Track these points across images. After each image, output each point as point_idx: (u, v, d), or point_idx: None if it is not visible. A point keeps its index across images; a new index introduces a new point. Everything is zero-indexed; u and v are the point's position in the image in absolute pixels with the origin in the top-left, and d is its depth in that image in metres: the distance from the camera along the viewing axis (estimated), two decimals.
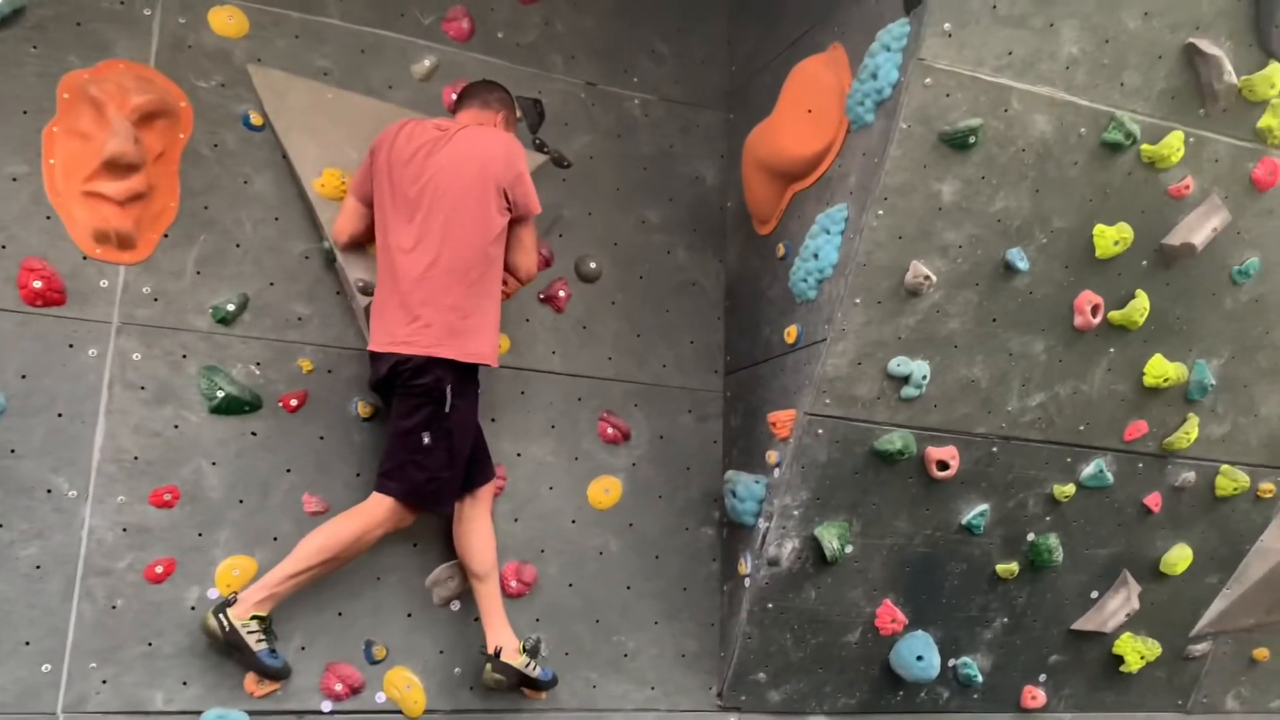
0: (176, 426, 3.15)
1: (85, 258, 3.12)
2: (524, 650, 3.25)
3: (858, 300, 3.22)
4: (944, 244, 3.24)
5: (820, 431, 3.35)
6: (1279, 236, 3.60)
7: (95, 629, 2.98)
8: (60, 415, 3.03)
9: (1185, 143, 3.32)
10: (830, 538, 3.45)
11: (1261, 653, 4.33)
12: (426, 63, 3.61)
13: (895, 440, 3.39)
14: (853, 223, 3.22)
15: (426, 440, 3.05)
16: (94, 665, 2.96)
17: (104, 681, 2.96)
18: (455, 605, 3.38)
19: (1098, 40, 3.14)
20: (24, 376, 3.01)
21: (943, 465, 3.49)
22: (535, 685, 3.28)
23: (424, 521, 3.35)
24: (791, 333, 3.45)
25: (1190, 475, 3.87)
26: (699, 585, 3.71)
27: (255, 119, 3.37)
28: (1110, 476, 3.73)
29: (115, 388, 3.10)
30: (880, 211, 3.14)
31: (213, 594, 3.11)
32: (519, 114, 3.67)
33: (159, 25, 3.30)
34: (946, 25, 3.00)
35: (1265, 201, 3.52)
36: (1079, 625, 3.96)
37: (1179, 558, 3.98)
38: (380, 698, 3.23)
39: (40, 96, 3.13)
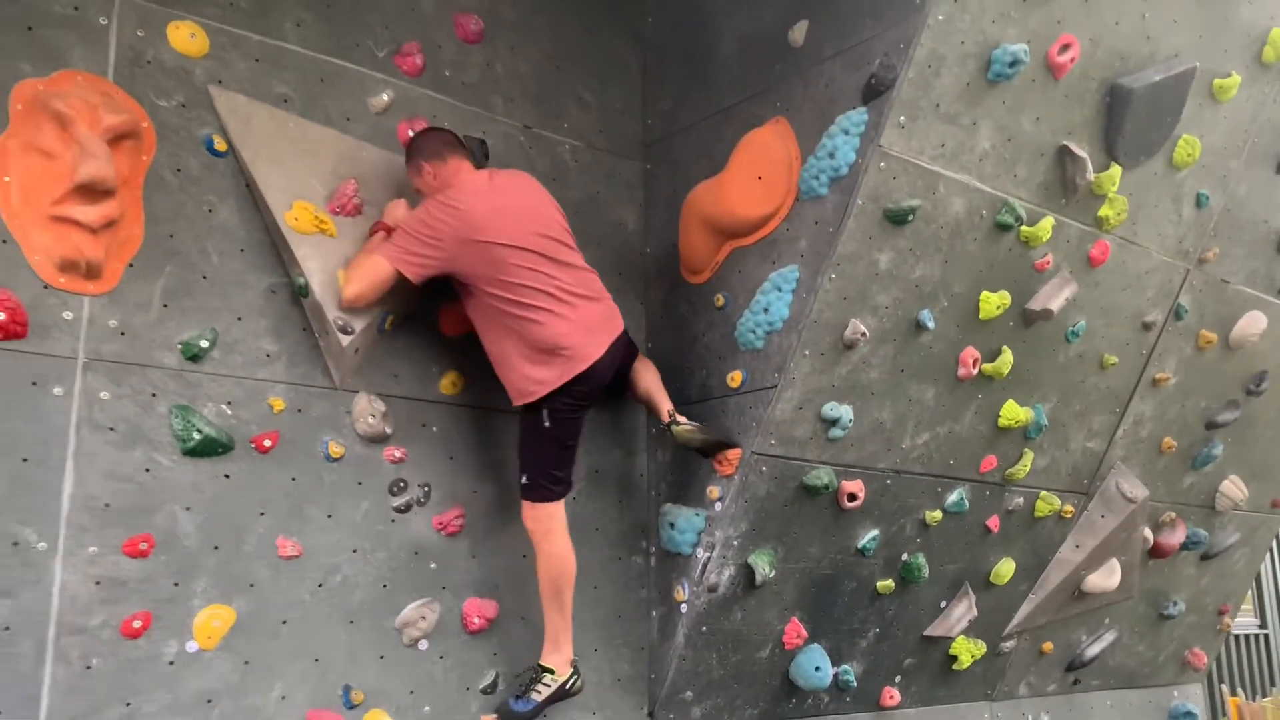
0: (148, 470, 2.96)
1: (46, 287, 2.87)
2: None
3: (806, 352, 3.59)
4: (876, 305, 3.68)
5: (764, 469, 3.69)
6: (1101, 305, 4.36)
7: (70, 692, 2.76)
8: (25, 460, 2.77)
9: (1053, 226, 3.98)
10: (762, 564, 3.80)
11: (1048, 646, 5.16)
12: (385, 97, 3.58)
13: (821, 476, 3.80)
14: (805, 283, 3.58)
15: None
16: None
17: None
18: (423, 645, 3.40)
19: (1003, 138, 3.71)
20: None
21: (852, 497, 3.94)
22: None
23: (393, 559, 3.36)
24: (736, 378, 3.76)
25: (1020, 500, 4.58)
26: (630, 612, 3.93)
27: (219, 144, 3.22)
28: (967, 503, 4.35)
29: (83, 429, 2.87)
30: (833, 275, 3.53)
31: (191, 646, 2.95)
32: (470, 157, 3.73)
33: (115, 36, 3.08)
34: (901, 118, 3.44)
35: (1096, 275, 4.26)
36: (929, 631, 4.56)
37: (1005, 570, 4.69)
38: None
39: None
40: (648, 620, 3.97)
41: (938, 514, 4.27)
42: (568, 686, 3.48)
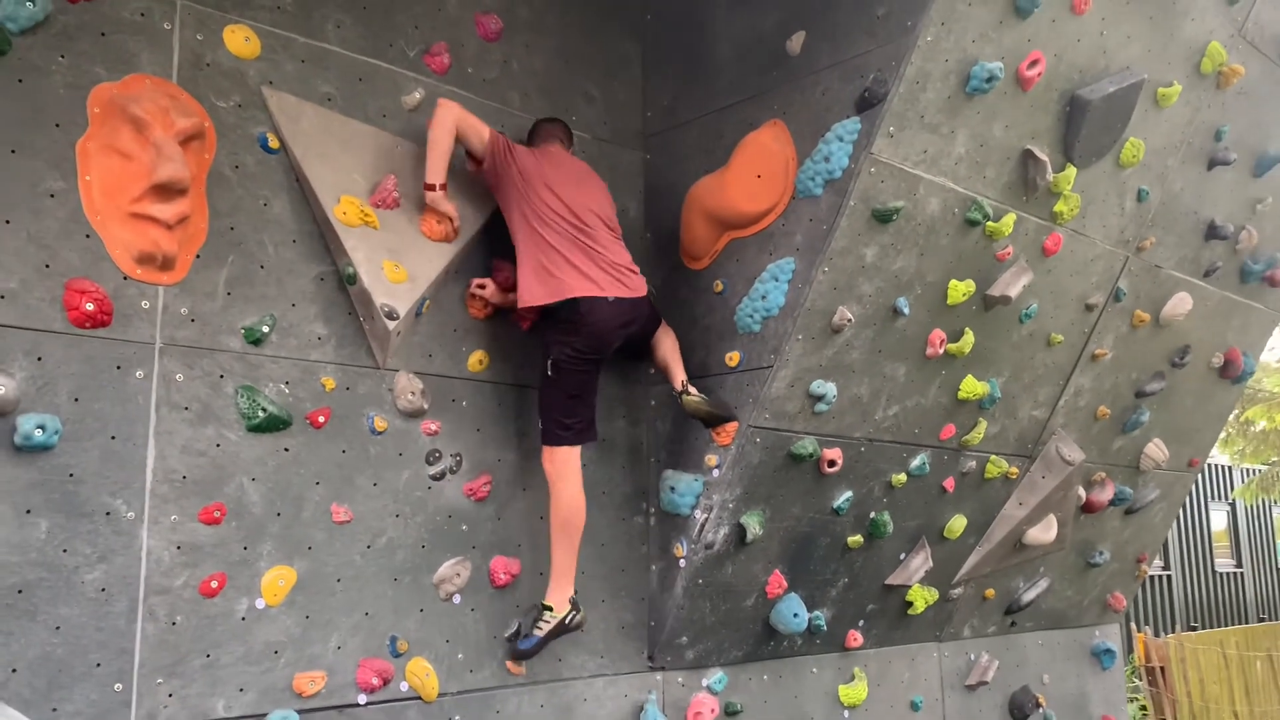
0: (219, 445, 3.25)
1: (126, 278, 3.12)
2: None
3: (799, 336, 3.99)
4: (861, 294, 4.09)
5: (758, 440, 4.10)
6: (1052, 290, 4.83)
7: (158, 646, 3.06)
8: (113, 438, 3.05)
9: (1014, 221, 4.41)
10: (753, 524, 4.22)
11: (990, 592, 5.72)
12: (417, 95, 3.85)
13: (807, 445, 4.22)
14: (800, 274, 3.97)
15: None
16: (160, 681, 3.05)
17: (170, 695, 3.07)
18: (457, 599, 3.77)
19: (977, 144, 4.12)
20: (76, 400, 2.99)
21: (831, 463, 4.37)
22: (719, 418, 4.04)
23: (430, 523, 3.71)
24: (734, 357, 4.15)
25: (973, 463, 5.08)
26: (633, 567, 4.34)
27: (273, 141, 3.47)
28: (928, 467, 4.82)
29: (162, 409, 3.15)
30: (826, 269, 3.93)
31: (260, 604, 3.28)
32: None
33: (179, 40, 3.30)
34: (891, 128, 3.82)
35: (1049, 264, 4.73)
36: (890, 580, 5.06)
37: (957, 525, 5.20)
38: (404, 686, 3.56)
39: (71, 109, 3.06)
40: (648, 574, 4.38)
41: (902, 477, 4.74)
42: (567, 621, 3.84)
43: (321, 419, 3.47)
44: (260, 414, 3.31)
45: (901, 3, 3.75)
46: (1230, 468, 18.27)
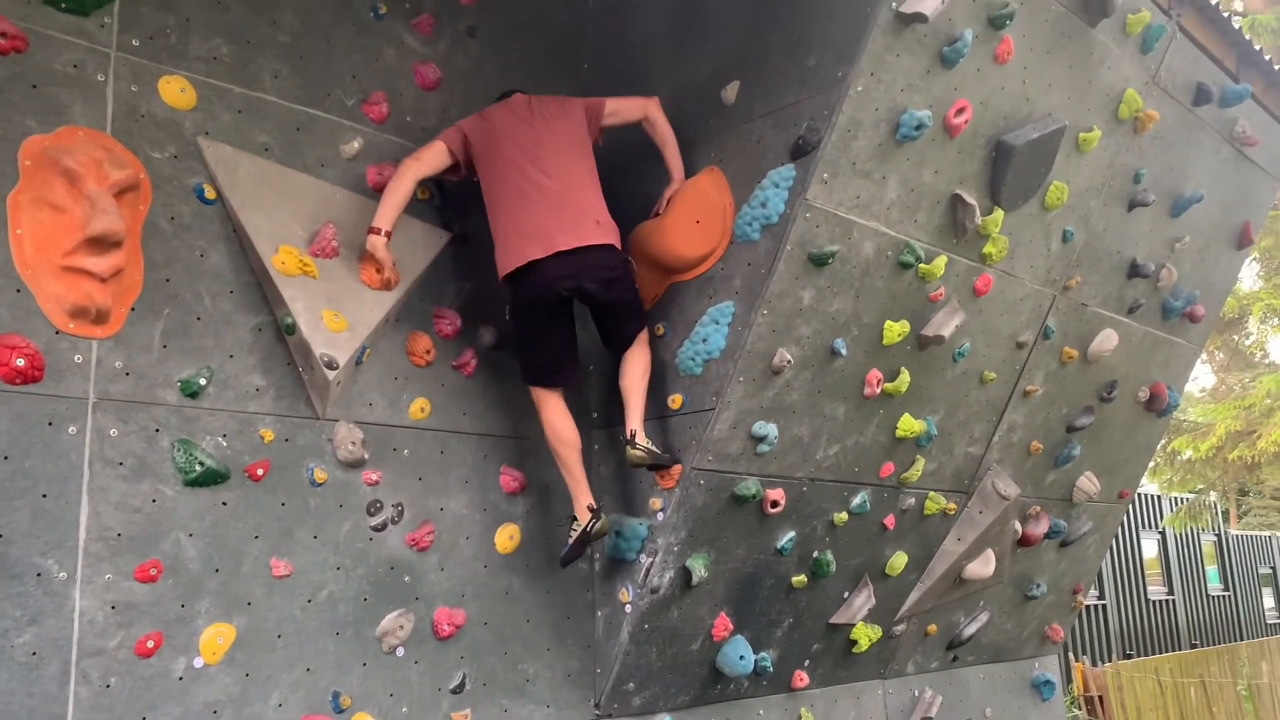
0: (154, 501, 3.19)
1: (59, 332, 3.06)
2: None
3: (741, 378, 4.04)
4: (799, 335, 4.16)
5: (701, 482, 4.13)
6: (983, 329, 4.96)
7: (92, 710, 2.98)
8: (45, 496, 2.98)
9: (945, 263, 4.53)
10: (698, 566, 4.24)
11: (932, 628, 5.78)
12: (355, 144, 3.85)
13: (750, 486, 4.26)
14: (740, 317, 4.02)
15: None
16: None
17: None
18: (400, 651, 3.71)
19: (907, 189, 4.23)
20: (6, 458, 2.92)
21: (774, 504, 4.41)
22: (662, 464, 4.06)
23: (372, 575, 3.67)
24: (677, 400, 4.18)
25: (912, 500, 5.16)
26: (578, 613, 4.32)
27: (209, 192, 3.44)
28: (869, 505, 4.88)
29: (96, 465, 3.08)
30: (765, 312, 3.99)
31: (198, 662, 3.21)
32: (427, 194, 4.05)
33: (112, 92, 3.27)
34: (825, 175, 3.91)
35: (979, 304, 4.85)
36: (835, 619, 5.10)
37: (898, 562, 5.26)
38: None
39: (1, 162, 3.01)
40: (593, 621, 4.36)
41: (844, 515, 4.79)
42: (589, 529, 3.94)
43: (260, 471, 3.43)
44: (197, 468, 3.26)
45: (831, 54, 3.85)
46: (1160, 497, 18.72)
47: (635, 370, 4.11)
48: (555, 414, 4.02)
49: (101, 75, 3.25)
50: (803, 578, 4.77)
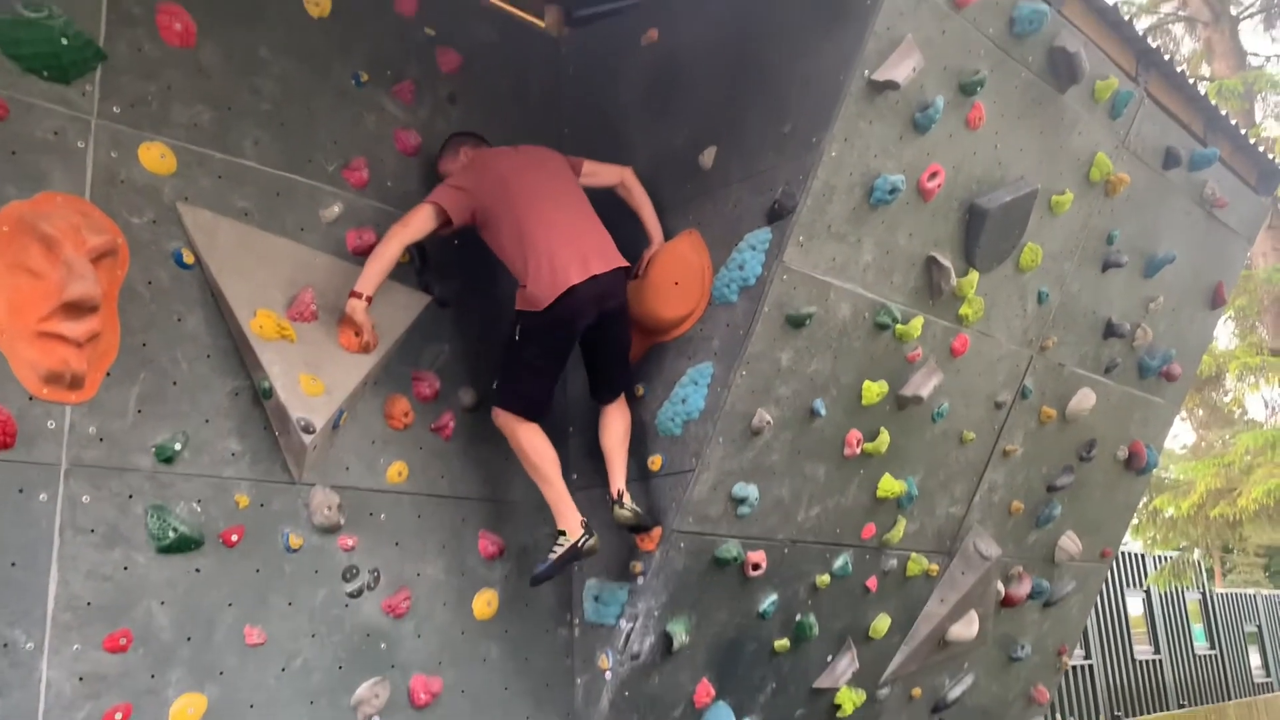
0: (126, 568, 3.15)
1: (32, 398, 3.04)
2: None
3: (720, 439, 4.04)
4: (779, 396, 4.17)
5: (682, 545, 4.10)
6: (961, 389, 4.98)
7: None
8: (14, 565, 2.93)
9: (922, 324, 4.56)
10: (679, 631, 4.19)
11: (917, 691, 5.72)
12: (335, 209, 3.87)
13: (731, 549, 4.23)
14: (719, 378, 4.04)
15: None
16: None
17: None
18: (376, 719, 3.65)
19: (883, 251, 4.28)
20: None
21: (756, 566, 4.38)
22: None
23: (347, 642, 3.61)
24: (656, 461, 4.17)
25: (894, 562, 5.13)
26: (558, 681, 4.26)
27: (187, 257, 3.45)
28: (851, 567, 4.86)
29: (67, 532, 3.05)
30: (744, 372, 4.00)
31: None
32: (408, 257, 4.06)
33: (92, 158, 3.29)
34: (800, 238, 3.95)
35: (957, 364, 4.88)
36: (818, 683, 5.04)
37: (882, 625, 5.22)
38: None
39: None
40: (573, 689, 4.30)
41: (826, 578, 4.76)
42: (580, 545, 3.82)
43: (234, 537, 3.39)
44: (171, 534, 3.22)
45: (806, 120, 3.91)
46: (1144, 555, 18.69)
47: (616, 429, 4.11)
48: (534, 434, 3.94)
49: (82, 142, 3.27)
50: (785, 642, 4.72)
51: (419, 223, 3.87)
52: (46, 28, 3.17)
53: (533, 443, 3.93)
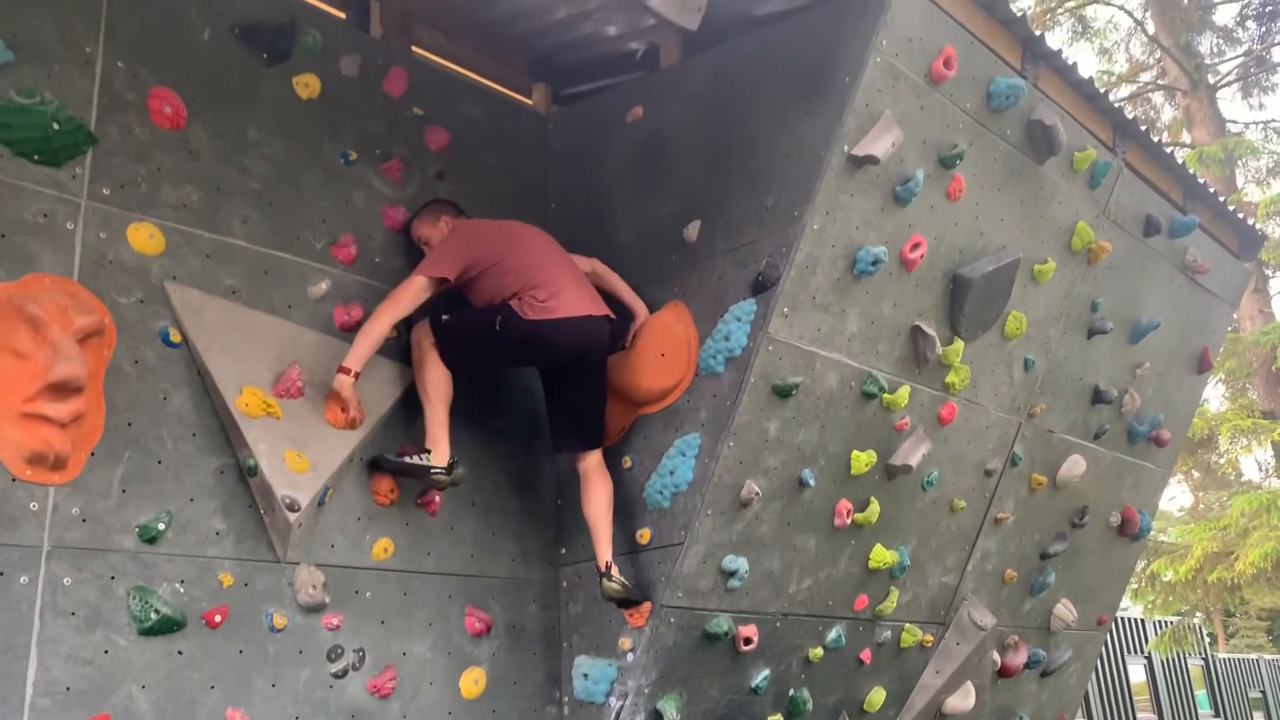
0: (107, 652, 3.11)
1: (14, 480, 3.03)
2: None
3: (709, 511, 4.02)
4: (767, 467, 4.16)
5: (672, 620, 4.06)
6: (951, 457, 4.98)
7: None
8: None
9: (909, 393, 4.58)
10: (670, 709, 4.13)
11: None
12: (323, 285, 3.90)
13: (722, 623, 4.19)
14: (706, 449, 4.03)
15: None
16: None
17: None
18: None
19: (867, 321, 4.31)
20: None
21: (747, 640, 4.33)
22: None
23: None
24: (644, 535, 4.15)
25: (888, 633, 5.08)
26: None
27: (174, 336, 3.46)
28: (844, 639, 4.81)
29: (47, 615, 3.01)
30: (731, 443, 4.00)
31: None
32: (396, 333, 4.08)
33: (81, 240, 3.32)
34: (785, 309, 3.98)
35: (945, 432, 4.88)
36: None
37: (876, 698, 5.15)
38: None
39: None
40: None
41: (819, 651, 4.71)
42: (430, 471, 3.80)
43: (218, 618, 3.35)
44: (153, 616, 3.18)
45: (788, 194, 3.97)
46: (1143, 620, 18.51)
47: (598, 496, 4.12)
48: (445, 379, 3.97)
49: (71, 223, 3.30)
50: (779, 717, 4.65)
51: (411, 296, 3.91)
52: (39, 113, 3.22)
53: (435, 375, 3.96)
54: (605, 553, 4.03)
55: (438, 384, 3.96)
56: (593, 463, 4.19)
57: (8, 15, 3.20)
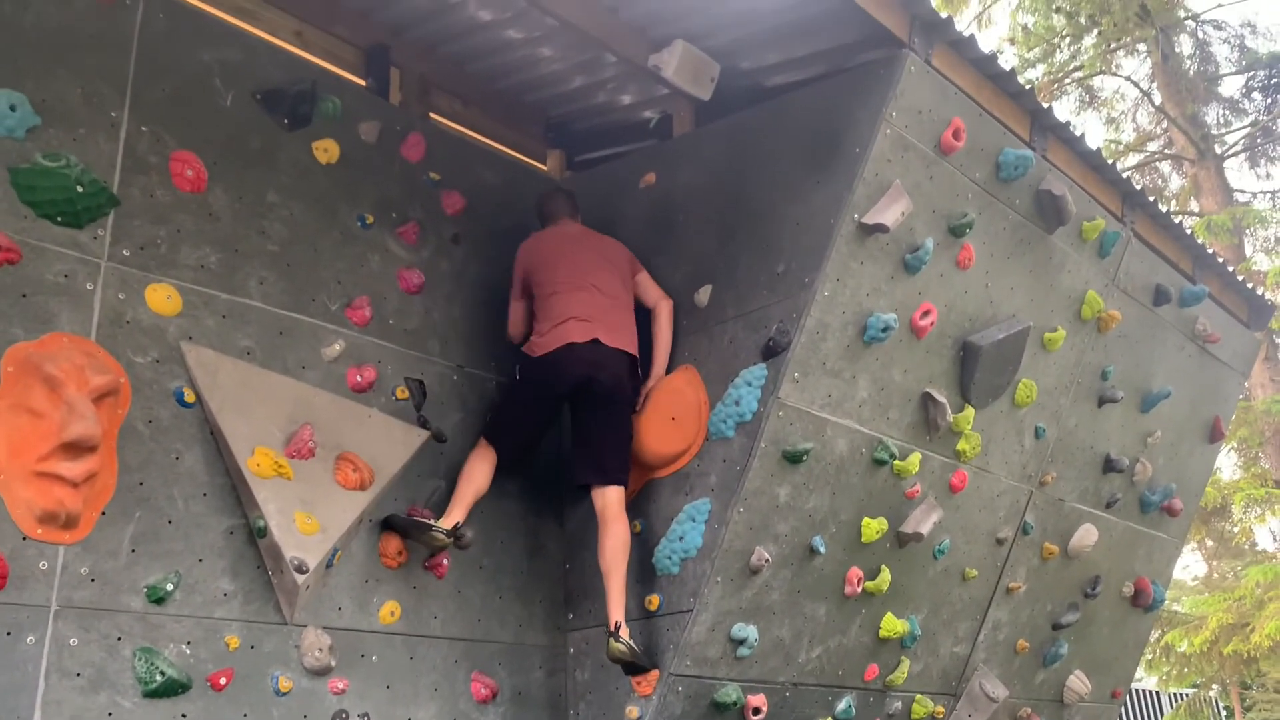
0: (110, 714, 3.08)
1: (25, 539, 3.03)
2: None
3: (718, 578, 4.00)
4: (777, 533, 4.14)
5: (680, 689, 4.01)
6: (962, 525, 4.95)
7: None
8: None
9: (920, 460, 4.57)
10: None
11: None
12: (337, 346, 3.93)
13: (730, 692, 4.14)
14: (716, 515, 4.02)
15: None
16: None
17: None
18: None
19: (878, 388, 4.31)
20: None
21: (756, 710, 4.27)
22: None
23: None
24: (654, 601, 4.12)
25: (899, 704, 5.01)
26: None
27: (188, 395, 3.48)
28: (854, 710, 4.73)
29: (52, 676, 3.00)
30: (741, 509, 3.99)
31: None
32: (406, 393, 4.10)
33: (100, 300, 3.36)
34: (795, 374, 4.00)
35: (956, 500, 4.86)
36: None
37: None
38: None
39: None
40: None
41: None
42: (433, 530, 3.84)
43: (223, 680, 3.33)
44: (158, 678, 3.16)
45: (799, 261, 4.01)
46: (1159, 693, 18.17)
47: (613, 543, 4.04)
48: (484, 458, 4.11)
49: (90, 284, 3.34)
50: None
51: (510, 315, 4.46)
52: (63, 175, 3.28)
53: (477, 459, 4.11)
54: (617, 611, 3.97)
55: (474, 465, 4.10)
56: (611, 502, 4.10)
57: (37, 79, 3.27)
